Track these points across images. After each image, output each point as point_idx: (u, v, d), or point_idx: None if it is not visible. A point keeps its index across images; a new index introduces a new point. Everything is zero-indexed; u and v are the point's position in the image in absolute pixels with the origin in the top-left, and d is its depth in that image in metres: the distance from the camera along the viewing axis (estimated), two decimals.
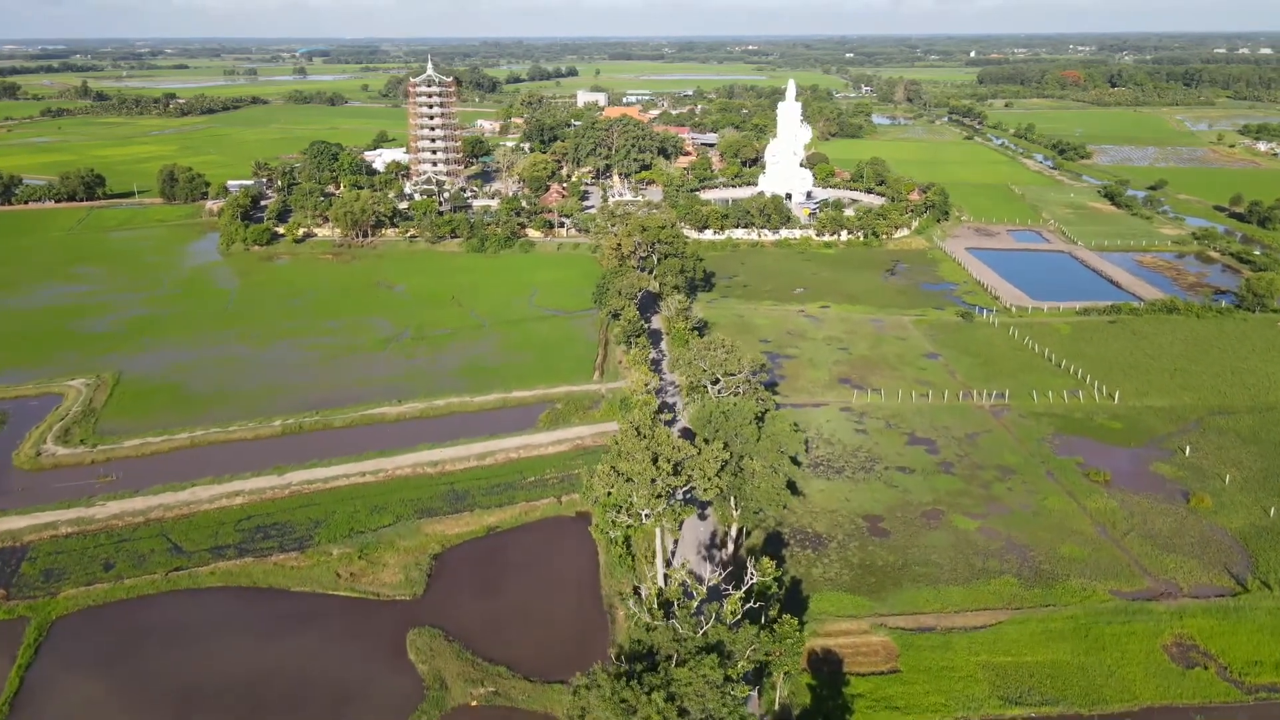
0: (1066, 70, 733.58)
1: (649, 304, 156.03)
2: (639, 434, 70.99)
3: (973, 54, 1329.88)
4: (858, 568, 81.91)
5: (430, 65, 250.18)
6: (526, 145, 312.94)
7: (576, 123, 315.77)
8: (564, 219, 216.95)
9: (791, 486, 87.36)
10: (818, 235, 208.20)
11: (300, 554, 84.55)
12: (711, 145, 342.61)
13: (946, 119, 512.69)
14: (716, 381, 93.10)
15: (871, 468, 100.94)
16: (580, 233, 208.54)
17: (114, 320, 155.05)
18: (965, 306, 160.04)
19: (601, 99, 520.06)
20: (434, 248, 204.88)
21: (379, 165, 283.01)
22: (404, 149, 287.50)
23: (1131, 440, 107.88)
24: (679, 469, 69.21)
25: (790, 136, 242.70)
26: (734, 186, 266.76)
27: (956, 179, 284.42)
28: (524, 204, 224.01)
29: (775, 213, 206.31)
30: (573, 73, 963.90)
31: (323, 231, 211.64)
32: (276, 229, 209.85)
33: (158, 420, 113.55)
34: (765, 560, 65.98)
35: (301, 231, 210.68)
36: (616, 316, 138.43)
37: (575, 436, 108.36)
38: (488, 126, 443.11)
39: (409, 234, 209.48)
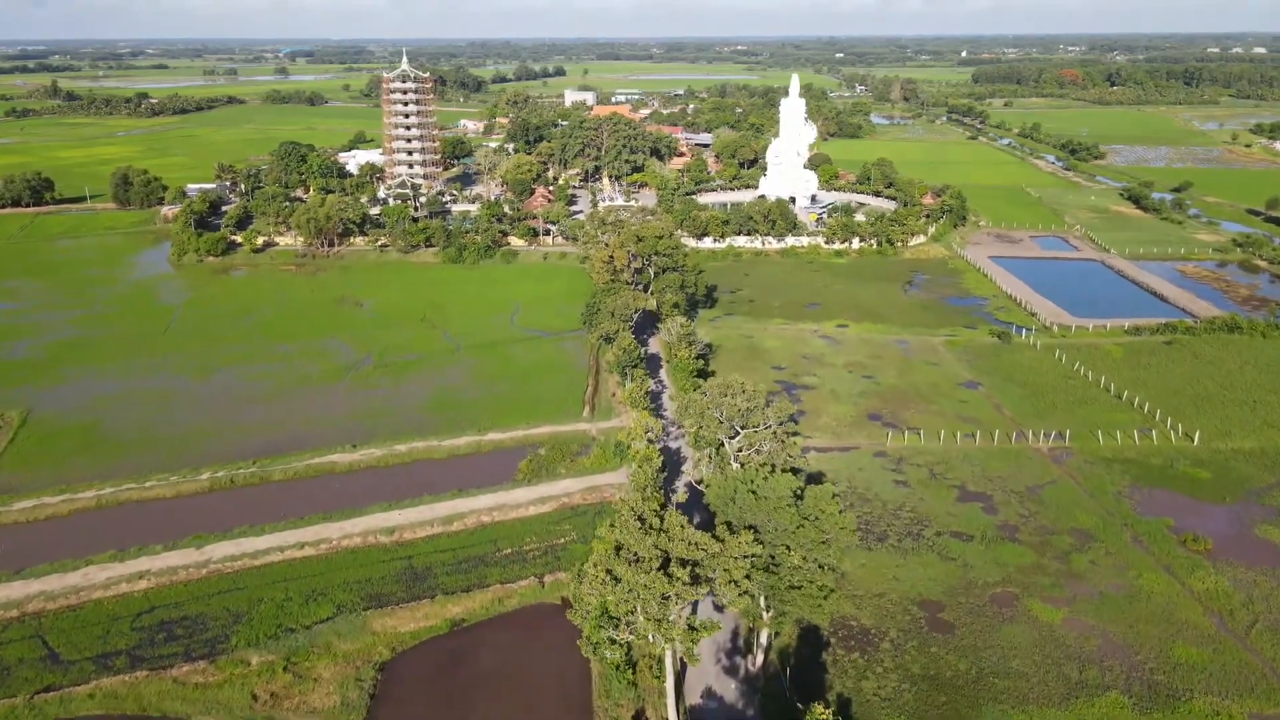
0: (1064, 69, 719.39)
1: (646, 323, 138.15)
2: (643, 526, 53.16)
3: (964, 54, 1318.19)
4: (921, 680, 64.18)
5: (405, 60, 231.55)
6: (511, 146, 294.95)
7: (563, 122, 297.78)
8: (550, 226, 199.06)
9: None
10: (827, 243, 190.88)
11: (210, 664, 66.17)
12: (706, 146, 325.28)
13: (946, 118, 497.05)
14: (735, 434, 75.19)
15: (920, 533, 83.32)
16: (568, 241, 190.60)
17: (34, 345, 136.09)
18: (1000, 325, 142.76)
19: (590, 98, 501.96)
20: (407, 258, 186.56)
21: (353, 167, 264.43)
22: (380, 150, 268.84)
23: (1225, 494, 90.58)
24: (697, 575, 51.39)
25: (793, 136, 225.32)
26: (732, 189, 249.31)
27: (967, 181, 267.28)
28: (506, 209, 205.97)
29: (781, 218, 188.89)
30: (560, 72, 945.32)
31: (285, 240, 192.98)
32: (234, 237, 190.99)
33: (63, 472, 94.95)
34: (818, 709, 48.17)
35: (261, 240, 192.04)
36: (609, 341, 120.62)
37: (561, 493, 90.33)
38: (471, 127, 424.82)
39: (380, 243, 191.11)
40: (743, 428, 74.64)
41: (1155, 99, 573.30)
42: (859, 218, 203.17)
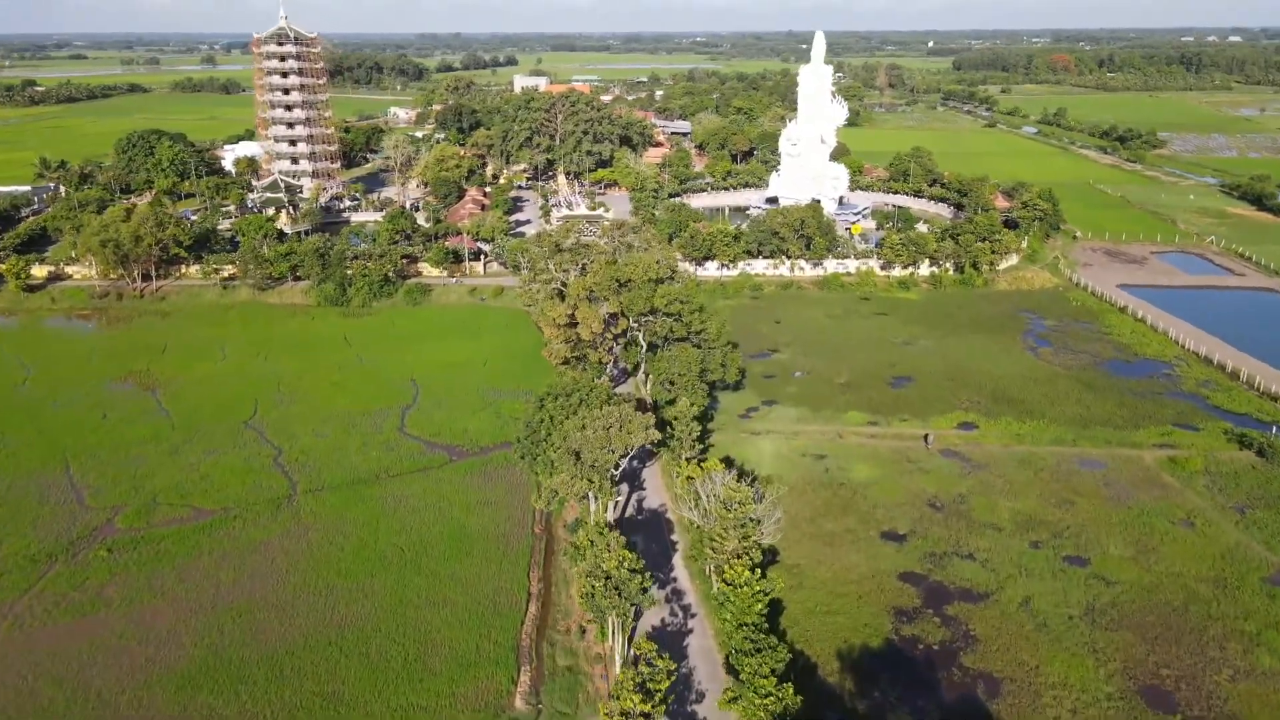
0: (1056, 55, 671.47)
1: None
2: None
3: (931, 44, 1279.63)
4: None
5: (284, 15, 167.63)
6: (441, 136, 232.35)
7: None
8: (481, 246, 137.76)
9: None
10: (883, 268, 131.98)
11: None
12: (685, 135, 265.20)
13: (944, 105, 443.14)
14: None
15: None
16: (507, 269, 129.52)
17: None
18: (1235, 420, 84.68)
19: (542, 83, 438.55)
20: (262, 298, 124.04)
21: (230, 164, 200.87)
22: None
23: None
24: None
25: (816, 116, 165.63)
26: (728, 189, 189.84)
27: (1014, 177, 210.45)
28: (422, 221, 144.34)
29: (819, 233, 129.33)
30: (512, 62, 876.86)
31: (82, 271, 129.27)
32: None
33: None
34: None
35: (48, 272, 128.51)
36: (574, 529, 60.14)
37: None
38: (403, 116, 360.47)
39: (224, 274, 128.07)
40: None
41: (1162, 85, 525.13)
42: (920, 228, 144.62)
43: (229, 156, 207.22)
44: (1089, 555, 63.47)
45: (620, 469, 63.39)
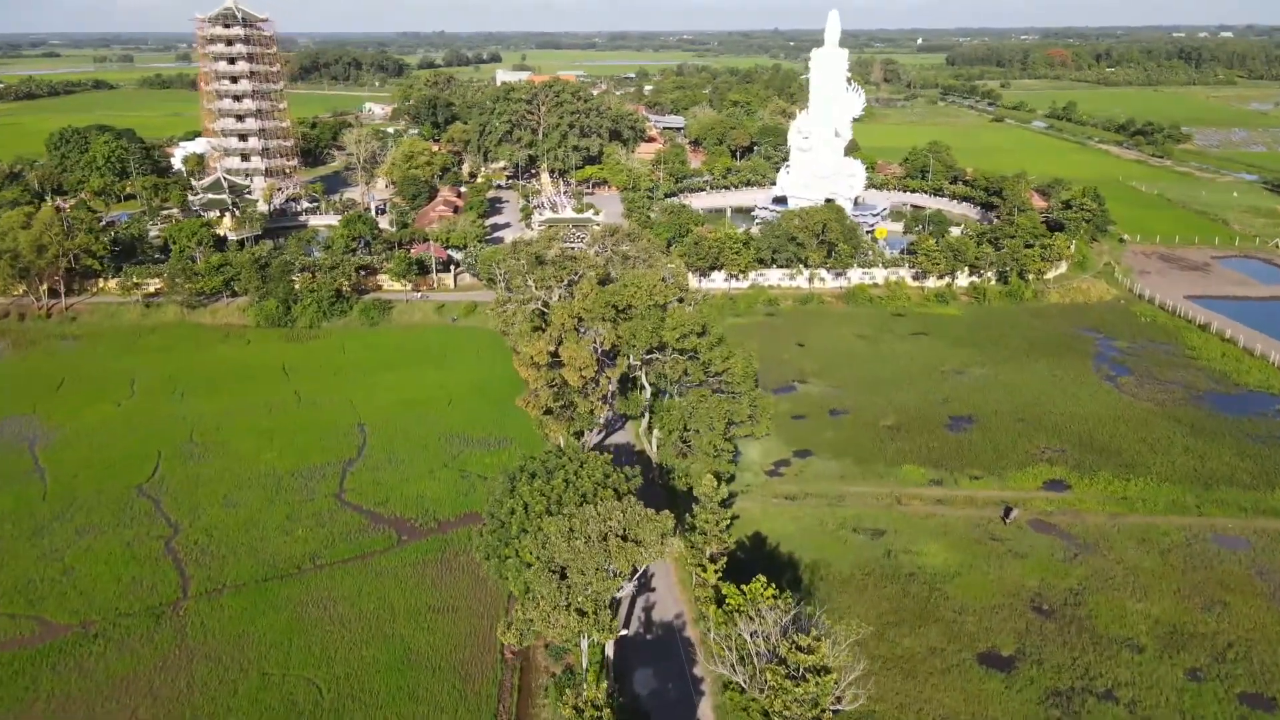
0: (1052, 50, 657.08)
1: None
2: None
3: (920, 41, 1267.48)
4: None
5: None
6: (414, 131, 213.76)
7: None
8: (452, 254, 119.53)
9: None
10: (915, 278, 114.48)
11: None
12: (678, 129, 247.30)
13: (945, 100, 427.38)
14: None
15: None
16: (480, 281, 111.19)
17: None
18: None
19: (525, 78, 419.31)
20: (192, 317, 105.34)
21: (179, 161, 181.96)
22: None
23: None
24: None
25: (830, 106, 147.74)
26: (729, 188, 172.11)
27: (1033, 172, 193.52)
28: (385, 226, 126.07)
29: (843, 238, 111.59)
30: (496, 59, 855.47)
31: None
32: None
33: None
34: None
35: None
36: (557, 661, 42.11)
37: None
38: (379, 112, 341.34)
39: (149, 290, 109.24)
40: None
41: (1165, 79, 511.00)
42: (954, 231, 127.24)
43: (180, 154, 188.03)
44: (1274, 693, 45.94)
45: (618, 602, 45.42)
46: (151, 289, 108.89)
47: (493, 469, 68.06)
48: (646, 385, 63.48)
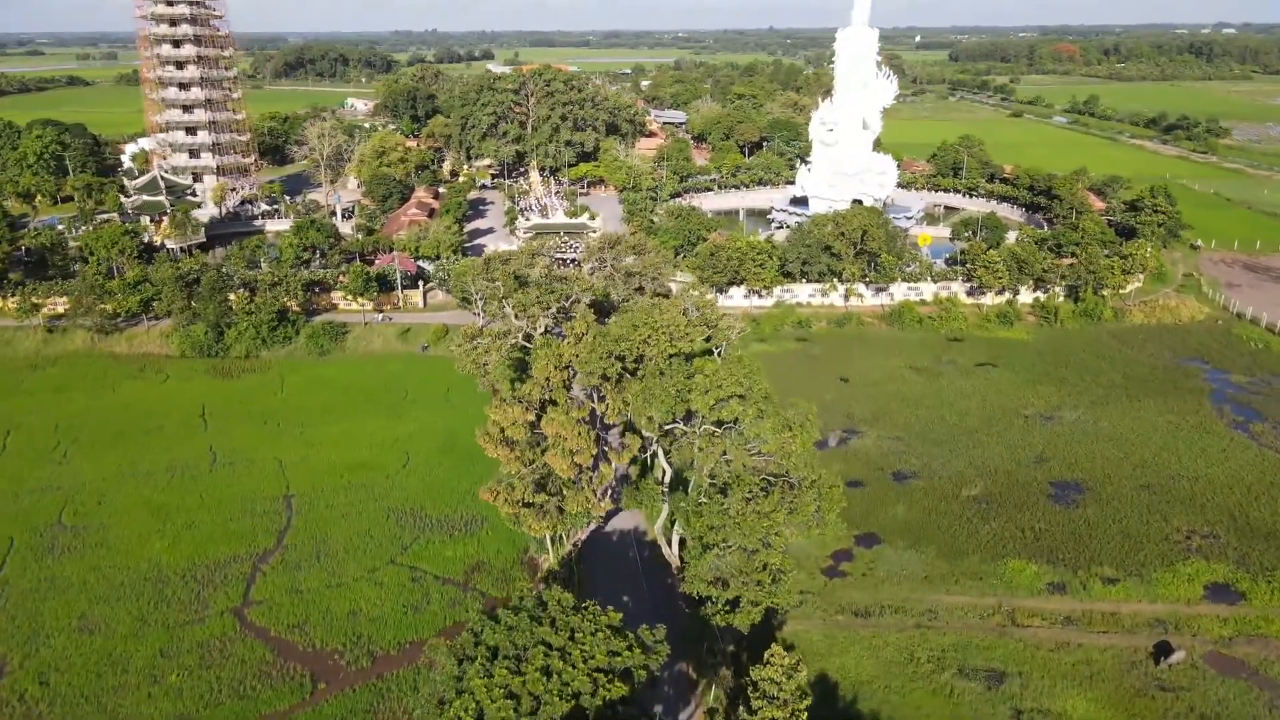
0: (1059, 45, 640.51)
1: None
2: None
3: (918, 39, 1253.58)
4: None
5: None
6: (391, 125, 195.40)
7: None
8: (423, 266, 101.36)
9: None
10: (970, 294, 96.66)
11: None
12: (679, 125, 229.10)
13: (956, 95, 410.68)
14: None
15: None
16: (452, 297, 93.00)
17: None
18: None
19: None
20: (104, 344, 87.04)
21: (129, 159, 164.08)
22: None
23: None
24: None
25: (857, 94, 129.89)
26: (740, 188, 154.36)
27: (1064, 170, 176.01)
28: (348, 232, 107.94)
29: (886, 247, 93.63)
30: (488, 56, 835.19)
31: None
32: None
33: None
34: None
35: None
36: None
37: None
38: (361, 107, 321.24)
39: (54, 310, 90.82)
40: None
41: (1179, 74, 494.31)
42: (1010, 237, 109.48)
43: (131, 150, 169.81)
44: None
45: None
46: (59, 310, 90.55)
47: (456, 567, 50.29)
48: (667, 468, 45.57)
